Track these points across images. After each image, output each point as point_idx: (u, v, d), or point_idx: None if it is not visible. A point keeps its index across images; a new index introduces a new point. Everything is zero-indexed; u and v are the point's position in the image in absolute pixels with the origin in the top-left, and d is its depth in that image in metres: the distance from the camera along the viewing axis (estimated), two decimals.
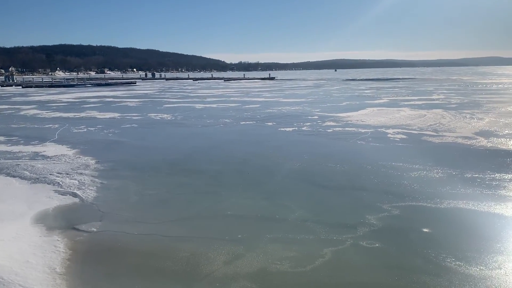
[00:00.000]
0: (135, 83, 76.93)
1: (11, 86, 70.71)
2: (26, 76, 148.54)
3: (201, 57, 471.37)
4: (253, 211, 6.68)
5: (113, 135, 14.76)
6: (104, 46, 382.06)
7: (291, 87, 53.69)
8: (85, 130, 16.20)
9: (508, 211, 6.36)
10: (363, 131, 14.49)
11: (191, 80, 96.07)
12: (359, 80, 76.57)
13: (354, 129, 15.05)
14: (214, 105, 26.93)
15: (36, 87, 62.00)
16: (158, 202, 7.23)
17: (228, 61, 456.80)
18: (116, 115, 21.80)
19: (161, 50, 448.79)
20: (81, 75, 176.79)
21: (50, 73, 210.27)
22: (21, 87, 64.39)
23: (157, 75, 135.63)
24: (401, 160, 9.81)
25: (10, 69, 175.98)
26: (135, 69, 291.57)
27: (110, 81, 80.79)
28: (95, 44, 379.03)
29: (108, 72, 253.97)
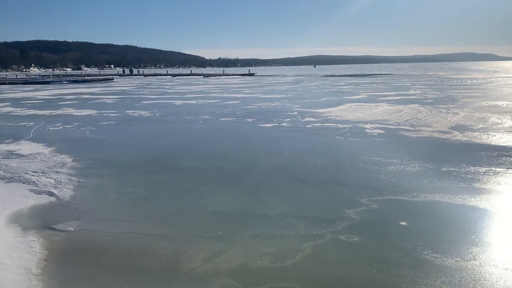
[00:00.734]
0: (113, 79, 75.82)
1: None
2: None
3: (179, 53, 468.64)
4: (233, 207, 6.67)
5: (90, 133, 14.51)
6: (80, 42, 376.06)
7: (271, 83, 53.75)
8: (61, 127, 15.87)
9: (483, 203, 6.52)
10: (341, 126, 14.62)
11: (170, 76, 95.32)
12: (337, 76, 77.19)
13: (333, 124, 15.18)
14: (194, 102, 26.75)
15: (10, 84, 60.43)
16: (137, 200, 7.15)
17: (207, 57, 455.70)
18: (93, 112, 21.43)
19: (139, 46, 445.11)
20: (57, 71, 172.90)
21: (24, 70, 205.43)
22: None
23: (135, 71, 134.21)
24: (379, 154, 9.94)
25: None
26: (112, 65, 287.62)
27: (87, 77, 79.44)
28: (71, 40, 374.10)
29: (85, 68, 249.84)
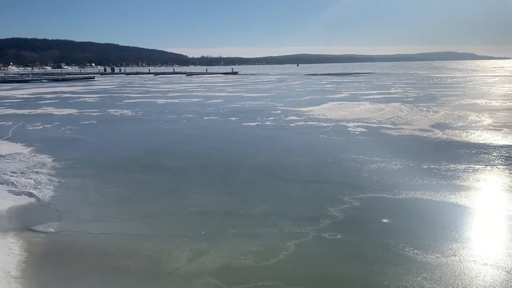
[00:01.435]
0: (94, 78, 74.75)
1: None
2: None
3: (162, 51, 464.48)
4: (216, 206, 6.65)
5: (71, 132, 14.29)
6: (60, 40, 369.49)
7: (254, 82, 53.76)
8: (41, 127, 15.59)
9: (462, 200, 6.64)
10: (324, 125, 14.72)
11: (152, 75, 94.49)
12: (320, 75, 77.64)
13: (316, 123, 15.26)
14: (176, 100, 26.58)
15: None
16: (118, 200, 7.07)
17: (190, 56, 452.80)
18: (74, 111, 21.10)
19: (120, 44, 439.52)
20: (36, 70, 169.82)
21: (2, 68, 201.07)
22: None
23: (116, 69, 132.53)
24: (361, 152, 10.03)
25: None
26: (93, 64, 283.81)
27: (67, 76, 78.03)
28: (50, 38, 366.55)
29: (65, 67, 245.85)
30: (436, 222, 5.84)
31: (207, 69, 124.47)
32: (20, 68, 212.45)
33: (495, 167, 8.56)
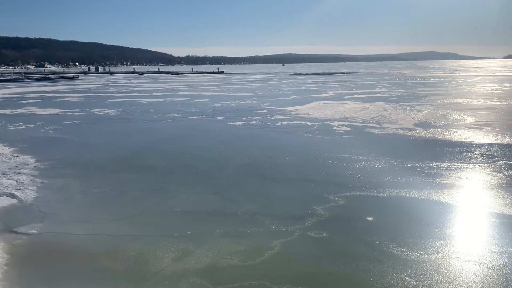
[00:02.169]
0: (78, 77, 73.87)
1: None
2: None
3: (147, 50, 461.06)
4: (202, 206, 6.62)
5: (54, 132, 14.09)
6: (43, 39, 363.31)
7: (240, 81, 53.71)
8: (23, 127, 15.34)
9: (445, 198, 6.74)
10: (310, 124, 14.78)
11: (137, 74, 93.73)
12: (306, 74, 77.94)
13: (301, 122, 15.32)
14: (162, 100, 26.41)
15: None
16: (103, 201, 6.99)
17: (175, 55, 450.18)
18: (57, 111, 20.81)
19: (104, 43, 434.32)
20: (18, 69, 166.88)
21: None
22: None
23: (101, 69, 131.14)
24: (346, 151, 10.11)
25: None
26: (77, 63, 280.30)
27: (50, 75, 76.92)
28: (33, 37, 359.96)
29: (48, 66, 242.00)
30: (420, 219, 5.91)
31: (192, 68, 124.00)
32: (1, 67, 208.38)
33: (477, 165, 8.71)
